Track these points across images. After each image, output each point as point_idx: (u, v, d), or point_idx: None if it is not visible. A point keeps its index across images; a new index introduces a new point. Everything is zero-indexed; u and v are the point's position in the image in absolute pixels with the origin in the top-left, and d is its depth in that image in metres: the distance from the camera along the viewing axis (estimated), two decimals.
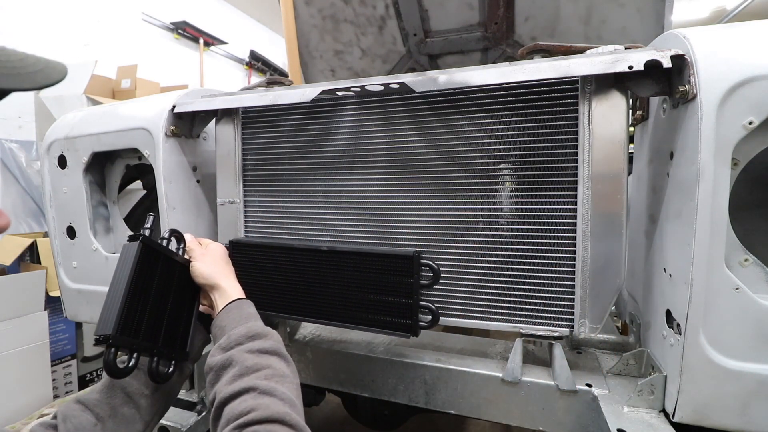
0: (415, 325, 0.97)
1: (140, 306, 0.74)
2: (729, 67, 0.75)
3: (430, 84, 0.98)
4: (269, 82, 1.33)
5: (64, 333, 2.39)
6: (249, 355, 0.68)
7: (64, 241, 1.43)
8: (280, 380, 0.65)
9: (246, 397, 0.60)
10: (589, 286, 0.93)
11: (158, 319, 0.78)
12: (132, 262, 0.73)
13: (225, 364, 0.68)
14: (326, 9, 2.13)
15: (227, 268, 0.91)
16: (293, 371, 0.71)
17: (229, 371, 0.66)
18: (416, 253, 0.96)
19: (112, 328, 0.66)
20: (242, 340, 0.70)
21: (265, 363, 0.66)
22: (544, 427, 1.01)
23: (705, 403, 0.81)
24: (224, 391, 0.62)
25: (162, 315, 0.79)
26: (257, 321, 0.77)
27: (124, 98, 2.88)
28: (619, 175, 0.90)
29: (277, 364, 0.68)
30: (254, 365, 0.66)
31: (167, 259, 0.83)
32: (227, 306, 0.80)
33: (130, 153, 1.38)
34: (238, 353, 0.68)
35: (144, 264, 0.75)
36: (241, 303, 0.81)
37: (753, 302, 0.76)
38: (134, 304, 0.72)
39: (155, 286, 0.78)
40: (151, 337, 0.75)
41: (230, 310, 0.79)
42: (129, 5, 4.68)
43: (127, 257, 0.74)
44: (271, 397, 0.60)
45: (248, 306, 0.82)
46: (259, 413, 0.57)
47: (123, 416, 0.71)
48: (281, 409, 0.58)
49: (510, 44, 2.01)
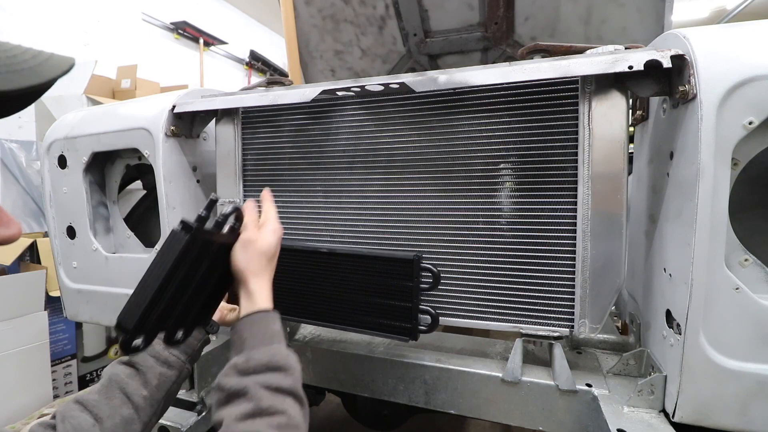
0: (414, 329, 0.97)
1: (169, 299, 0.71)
2: (729, 67, 0.75)
3: (430, 84, 0.98)
4: (269, 82, 1.33)
5: (64, 333, 2.39)
6: (265, 392, 0.63)
7: (64, 241, 1.43)
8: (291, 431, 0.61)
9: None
10: (589, 286, 0.93)
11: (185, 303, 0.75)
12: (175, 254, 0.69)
13: (239, 393, 0.64)
14: (326, 9, 2.13)
15: (265, 267, 0.80)
16: (305, 415, 0.66)
17: (242, 404, 0.62)
18: (417, 256, 0.96)
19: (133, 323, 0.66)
20: (261, 370, 0.66)
21: (280, 407, 0.62)
22: (544, 427, 1.01)
23: (705, 403, 0.81)
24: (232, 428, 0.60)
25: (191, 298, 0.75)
26: (280, 344, 0.72)
27: (124, 98, 2.88)
28: (619, 175, 0.90)
29: (292, 409, 0.64)
30: (269, 408, 0.61)
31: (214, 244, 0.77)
32: (252, 316, 0.75)
33: (130, 153, 1.38)
34: (254, 386, 0.64)
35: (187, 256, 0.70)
36: (268, 317, 0.75)
37: (753, 302, 0.76)
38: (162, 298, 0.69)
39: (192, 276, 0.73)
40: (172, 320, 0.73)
41: (254, 322, 0.74)
42: (129, 5, 4.68)
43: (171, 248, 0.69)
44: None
45: (274, 322, 0.75)
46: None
47: (122, 416, 0.71)
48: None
49: (510, 44, 2.01)
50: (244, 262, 0.78)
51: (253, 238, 0.80)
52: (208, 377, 1.25)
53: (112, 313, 1.40)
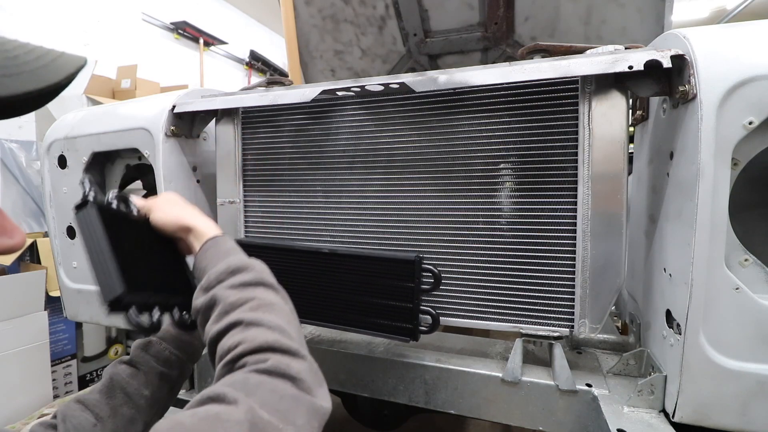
0: (415, 330, 0.97)
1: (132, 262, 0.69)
2: (729, 67, 0.75)
3: (430, 84, 0.98)
4: (269, 82, 1.33)
5: (64, 333, 2.39)
6: (231, 290, 0.64)
7: (64, 241, 1.43)
8: (267, 309, 0.62)
9: (233, 332, 0.58)
10: (589, 286, 0.93)
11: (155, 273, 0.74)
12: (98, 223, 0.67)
13: (209, 304, 0.65)
14: (326, 9, 2.13)
15: (189, 208, 0.82)
16: (283, 297, 0.67)
17: (215, 310, 0.63)
18: (418, 257, 0.96)
19: (120, 286, 0.63)
20: (223, 277, 0.67)
21: (249, 295, 0.63)
22: (544, 427, 1.01)
23: (705, 403, 0.81)
24: (212, 331, 0.61)
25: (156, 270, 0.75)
26: (237, 254, 0.73)
27: (124, 98, 2.88)
28: (619, 175, 0.90)
29: (262, 294, 0.65)
30: (237, 300, 0.63)
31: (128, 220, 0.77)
32: (204, 245, 0.75)
33: (130, 153, 1.38)
34: (220, 291, 0.65)
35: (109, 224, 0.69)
36: (218, 240, 0.76)
37: (753, 302, 0.76)
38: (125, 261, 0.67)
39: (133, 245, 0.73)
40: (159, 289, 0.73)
41: (207, 249, 0.75)
42: (129, 5, 4.68)
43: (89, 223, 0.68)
44: (258, 327, 0.58)
45: (225, 241, 0.77)
46: (247, 345, 0.55)
47: (123, 416, 0.71)
48: (269, 336, 0.56)
49: (510, 44, 2.01)
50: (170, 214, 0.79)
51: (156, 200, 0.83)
52: (208, 377, 1.25)
53: None
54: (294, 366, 0.53)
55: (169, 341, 0.83)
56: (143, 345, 0.81)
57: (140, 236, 0.77)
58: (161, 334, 0.84)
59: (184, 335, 0.86)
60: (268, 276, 0.70)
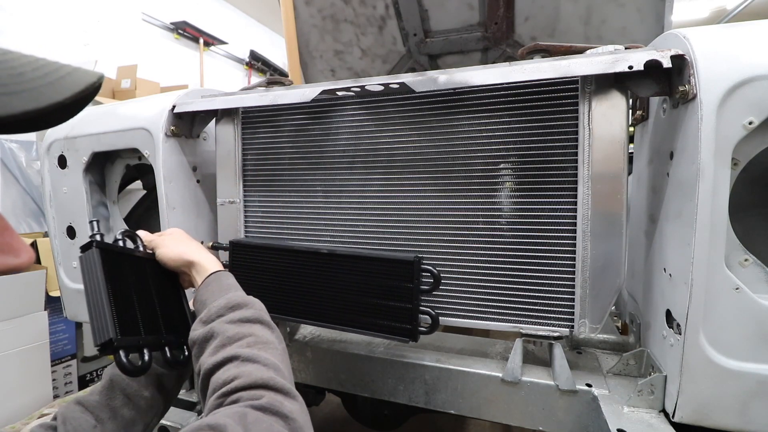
0: (414, 330, 0.97)
1: (127, 305, 0.72)
2: (729, 67, 0.75)
3: (430, 84, 0.98)
4: (269, 82, 1.33)
5: (64, 333, 2.39)
6: (230, 325, 0.67)
7: (64, 241, 1.43)
8: (263, 347, 0.64)
9: (229, 366, 0.60)
10: (589, 286, 0.93)
11: (151, 313, 0.77)
12: (98, 267, 0.70)
13: (207, 337, 0.67)
14: (326, 9, 2.13)
15: (193, 244, 0.87)
16: (278, 337, 0.70)
17: (212, 343, 0.65)
18: (417, 258, 0.96)
19: (112, 331, 0.65)
20: (223, 312, 0.70)
21: (247, 332, 0.66)
22: (544, 427, 1.01)
23: (705, 403, 0.81)
24: (207, 363, 0.62)
25: (153, 308, 0.78)
26: (237, 291, 0.76)
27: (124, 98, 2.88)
28: (619, 175, 0.90)
29: (259, 331, 0.67)
30: (235, 335, 0.65)
31: (132, 258, 0.81)
32: (206, 280, 0.79)
33: (130, 153, 1.38)
34: (218, 325, 0.67)
35: (110, 266, 0.72)
36: (220, 275, 0.80)
37: (753, 302, 0.76)
38: (121, 304, 0.70)
39: (132, 285, 0.76)
40: (152, 330, 0.74)
41: (209, 284, 0.78)
42: (129, 5, 4.68)
43: (91, 265, 0.71)
44: (254, 364, 0.59)
45: (227, 277, 0.80)
46: (243, 380, 0.56)
47: (123, 418, 0.71)
48: (265, 374, 0.58)
49: (510, 44, 2.01)
50: (175, 250, 0.83)
51: (163, 237, 0.87)
52: None
53: None
54: (287, 405, 0.54)
55: None
56: None
57: (143, 271, 0.81)
58: None
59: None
60: (265, 314, 0.73)
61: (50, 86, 0.38)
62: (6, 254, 0.42)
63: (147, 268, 0.83)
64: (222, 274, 0.80)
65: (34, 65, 0.39)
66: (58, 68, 0.40)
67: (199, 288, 0.79)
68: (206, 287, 0.78)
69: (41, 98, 0.37)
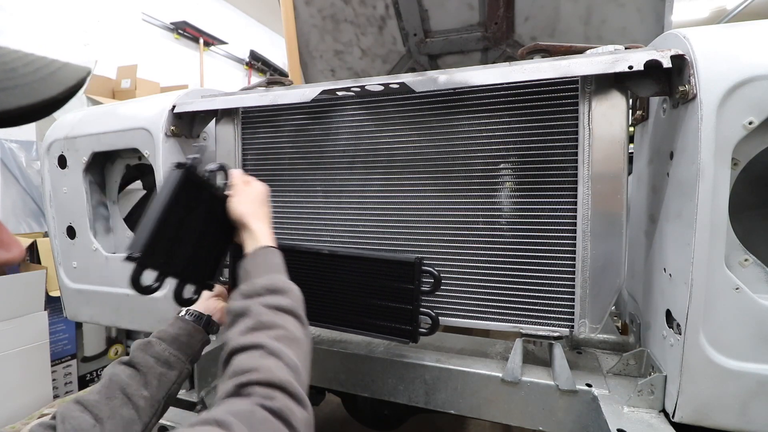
0: (414, 332, 0.97)
1: (173, 232, 0.75)
2: (729, 67, 0.75)
3: (430, 84, 0.98)
4: (269, 82, 1.33)
5: (64, 333, 2.39)
6: (265, 309, 0.67)
7: (64, 241, 1.43)
8: (290, 343, 0.64)
9: (253, 353, 0.60)
10: (589, 286, 0.93)
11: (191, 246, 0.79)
12: (170, 189, 0.74)
13: (241, 312, 0.67)
14: (326, 9, 2.13)
15: (262, 211, 0.87)
16: (306, 334, 0.70)
17: (245, 321, 0.66)
18: (418, 259, 0.96)
19: (141, 248, 0.69)
20: (262, 292, 0.70)
21: (279, 321, 0.66)
22: (544, 427, 1.01)
23: (705, 403, 0.81)
24: (235, 341, 0.63)
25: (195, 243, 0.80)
26: (280, 274, 0.76)
27: (124, 98, 2.88)
28: (619, 175, 0.90)
29: (291, 325, 0.67)
30: (268, 322, 0.65)
31: (208, 191, 0.83)
32: (255, 251, 0.79)
33: (130, 153, 1.38)
34: (255, 305, 0.68)
35: (182, 193, 0.76)
36: (268, 251, 0.79)
37: (753, 302, 0.76)
38: (166, 230, 0.73)
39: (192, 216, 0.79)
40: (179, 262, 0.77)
41: (257, 256, 0.78)
42: (129, 5, 4.67)
43: (168, 183, 0.75)
44: (277, 360, 0.60)
45: (275, 256, 0.80)
46: (261, 375, 0.56)
47: (122, 417, 0.71)
48: (284, 376, 0.58)
49: (510, 44, 2.01)
50: (242, 207, 0.84)
51: (247, 187, 0.88)
52: (208, 377, 1.25)
53: (112, 313, 1.40)
54: (297, 414, 0.54)
55: (169, 342, 0.83)
56: (143, 345, 0.81)
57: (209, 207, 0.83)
58: (160, 335, 0.84)
59: (183, 336, 0.86)
60: (301, 307, 0.73)
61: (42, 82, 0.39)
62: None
63: (215, 206, 0.84)
64: (271, 251, 0.80)
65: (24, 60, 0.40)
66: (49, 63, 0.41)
67: (247, 255, 0.80)
68: (253, 258, 0.78)
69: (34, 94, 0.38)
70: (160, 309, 1.29)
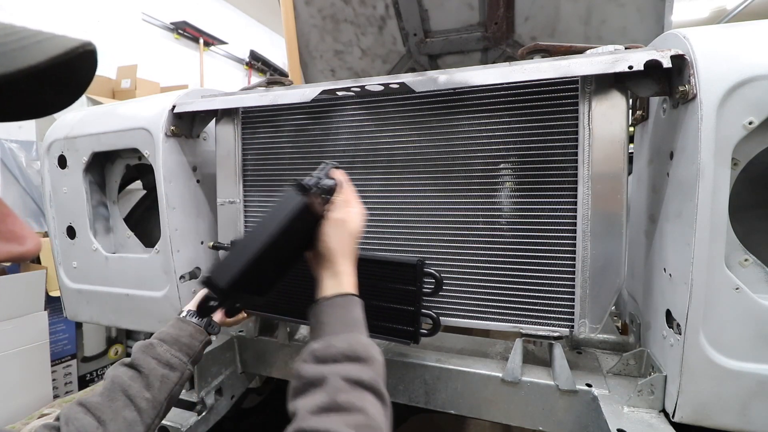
0: (416, 333, 0.97)
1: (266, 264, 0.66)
2: (729, 67, 0.75)
3: (430, 84, 0.98)
4: (269, 82, 1.33)
5: (64, 333, 2.39)
6: (344, 384, 0.58)
7: (64, 241, 1.43)
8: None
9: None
10: (589, 286, 0.93)
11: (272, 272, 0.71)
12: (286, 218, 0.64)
13: (315, 382, 0.59)
14: (326, 9, 2.13)
15: (351, 247, 0.76)
16: (387, 416, 0.59)
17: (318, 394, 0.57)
18: (420, 261, 0.96)
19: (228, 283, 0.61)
20: (340, 358, 0.61)
21: (359, 404, 0.56)
22: (544, 427, 1.01)
23: (705, 403, 0.81)
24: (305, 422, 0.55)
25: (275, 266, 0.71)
26: (361, 333, 0.67)
27: (124, 98, 2.88)
28: (619, 175, 0.90)
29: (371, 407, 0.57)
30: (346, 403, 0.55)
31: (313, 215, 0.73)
32: (336, 298, 0.70)
33: (130, 153, 1.38)
34: (332, 376, 0.58)
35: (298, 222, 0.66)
36: (350, 302, 0.70)
37: (753, 302, 0.76)
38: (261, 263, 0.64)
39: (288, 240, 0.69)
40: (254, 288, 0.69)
41: (336, 305, 0.69)
42: (129, 5, 4.68)
43: (283, 208, 0.65)
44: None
45: (356, 308, 0.70)
46: None
47: (124, 419, 0.71)
48: None
49: (510, 44, 2.01)
50: (336, 242, 0.73)
51: (347, 218, 0.76)
52: (208, 377, 1.25)
53: (112, 313, 1.40)
54: None
55: (170, 343, 0.83)
56: (144, 347, 0.81)
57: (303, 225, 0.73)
58: (162, 336, 0.84)
59: (184, 337, 0.86)
60: (383, 379, 0.64)
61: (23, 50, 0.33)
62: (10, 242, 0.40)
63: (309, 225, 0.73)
64: (353, 302, 0.71)
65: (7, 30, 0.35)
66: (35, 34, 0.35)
67: (324, 301, 0.70)
68: (330, 306, 0.69)
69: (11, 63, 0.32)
70: (160, 309, 1.29)
